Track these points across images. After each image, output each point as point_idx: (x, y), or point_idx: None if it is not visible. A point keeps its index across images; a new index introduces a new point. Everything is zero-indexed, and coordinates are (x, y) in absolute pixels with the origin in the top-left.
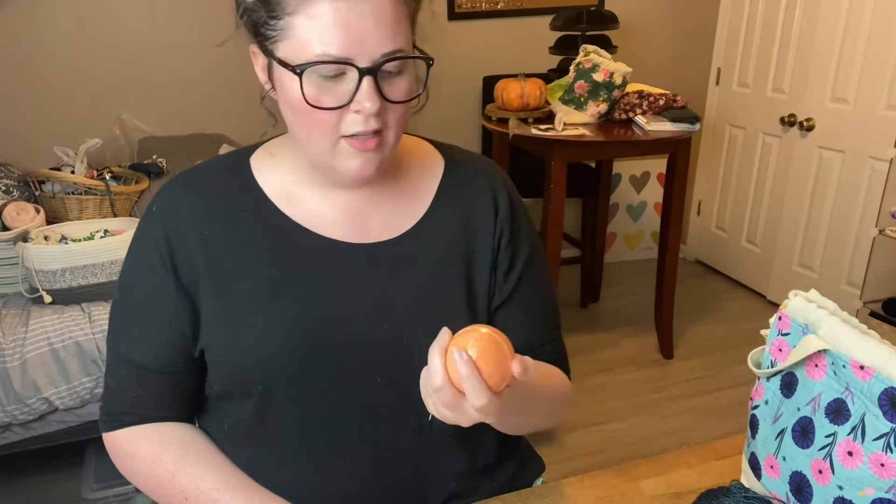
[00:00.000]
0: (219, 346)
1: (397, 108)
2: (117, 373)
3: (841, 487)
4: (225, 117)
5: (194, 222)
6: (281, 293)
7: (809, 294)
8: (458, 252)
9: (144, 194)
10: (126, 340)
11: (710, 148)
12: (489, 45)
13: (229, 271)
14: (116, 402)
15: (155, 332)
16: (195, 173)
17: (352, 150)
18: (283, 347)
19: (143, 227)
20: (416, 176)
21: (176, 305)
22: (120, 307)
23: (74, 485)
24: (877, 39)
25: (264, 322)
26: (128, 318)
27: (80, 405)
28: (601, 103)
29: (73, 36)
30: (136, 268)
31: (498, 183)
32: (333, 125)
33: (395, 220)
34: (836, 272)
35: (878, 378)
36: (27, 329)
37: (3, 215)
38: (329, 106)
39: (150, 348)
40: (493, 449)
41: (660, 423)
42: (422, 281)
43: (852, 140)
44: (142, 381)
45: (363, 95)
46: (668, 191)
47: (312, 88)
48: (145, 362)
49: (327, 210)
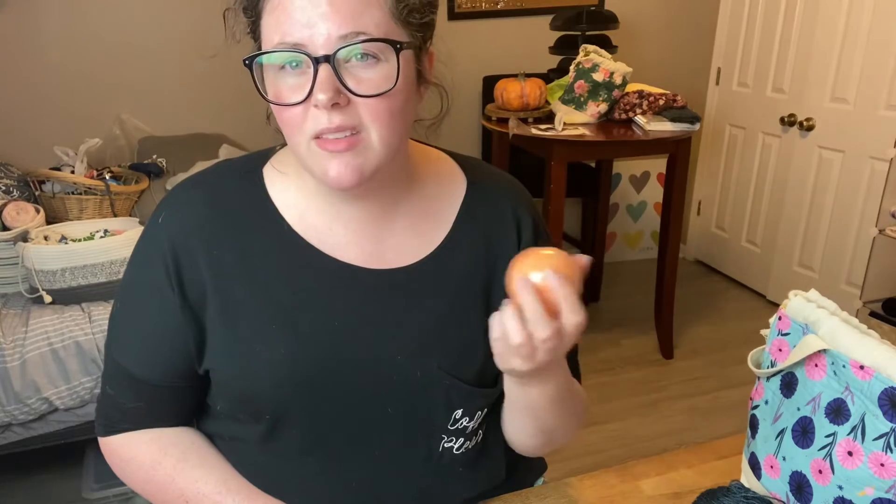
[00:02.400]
0: (226, 370)
1: (373, 104)
2: (116, 383)
3: (841, 487)
4: (225, 117)
5: (203, 239)
6: (292, 320)
7: (809, 294)
8: (477, 280)
9: (144, 194)
10: (126, 353)
11: (710, 148)
12: (489, 45)
13: (238, 295)
14: (115, 410)
15: (157, 348)
16: (204, 181)
17: (322, 151)
18: (293, 377)
19: (147, 238)
20: (436, 194)
21: (181, 324)
22: (121, 318)
23: (74, 485)
24: (877, 39)
25: (274, 350)
26: (129, 331)
27: (80, 405)
28: (601, 103)
29: (74, 36)
30: (140, 281)
31: (521, 207)
32: (299, 124)
33: (413, 244)
34: (836, 272)
35: (878, 378)
36: (27, 329)
37: (3, 215)
38: (288, 102)
39: (151, 363)
40: (502, 471)
41: (660, 423)
42: (439, 310)
43: (852, 140)
44: (141, 394)
45: (317, 86)
46: (668, 191)
47: (274, 85)
48: (146, 377)
49: (339, 229)
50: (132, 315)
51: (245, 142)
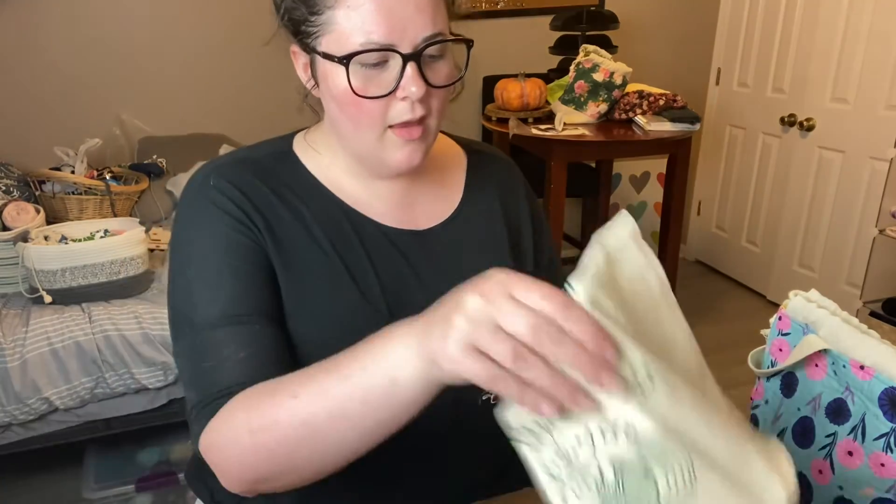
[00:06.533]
0: (294, 320)
1: (439, 94)
2: (217, 349)
3: (841, 487)
4: (225, 117)
5: (258, 199)
6: (341, 274)
7: (809, 294)
8: (500, 230)
9: (144, 194)
10: (220, 301)
11: (710, 148)
12: (489, 45)
13: (293, 247)
14: (221, 378)
15: (252, 277)
16: (240, 159)
17: (399, 139)
18: (342, 329)
19: (201, 198)
20: (444, 164)
21: (262, 259)
22: (199, 277)
23: (74, 485)
24: (877, 39)
25: (325, 303)
26: (214, 280)
27: (80, 405)
28: (601, 103)
29: (74, 36)
30: (210, 233)
31: (515, 171)
32: (380, 115)
33: (438, 207)
34: (836, 272)
35: (879, 378)
36: (27, 329)
37: (3, 215)
38: (375, 95)
39: (248, 298)
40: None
41: None
42: (472, 261)
43: (852, 140)
44: (248, 339)
45: (408, 81)
46: (668, 191)
47: (358, 79)
48: (248, 311)
49: (375, 202)
50: (214, 266)
51: (245, 141)
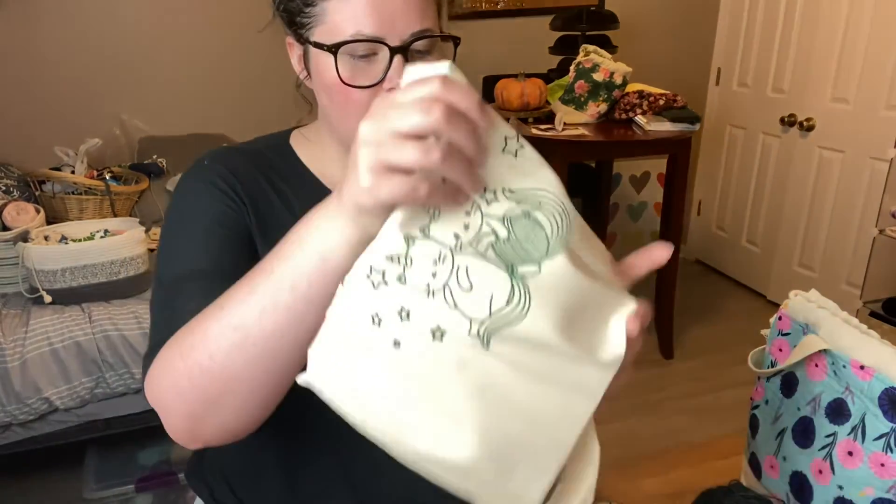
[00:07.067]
0: None
1: None
2: (172, 300)
3: (841, 487)
4: (225, 117)
5: (250, 184)
6: None
7: (810, 294)
8: None
9: (144, 194)
10: (189, 258)
11: (710, 148)
12: (489, 45)
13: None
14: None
15: (226, 241)
16: (236, 149)
17: None
18: None
19: (195, 175)
20: None
21: (242, 222)
22: (174, 234)
23: (74, 485)
24: (877, 39)
25: None
26: (186, 238)
27: (80, 405)
28: (601, 103)
29: (73, 36)
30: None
31: None
32: (368, 105)
33: None
34: (836, 272)
35: (878, 378)
36: (27, 329)
37: (3, 215)
38: (363, 84)
39: (220, 254)
40: None
41: (660, 423)
42: None
43: (852, 140)
44: (206, 292)
45: (395, 73)
46: (668, 191)
47: (346, 69)
48: (212, 268)
49: None
50: (190, 226)
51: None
